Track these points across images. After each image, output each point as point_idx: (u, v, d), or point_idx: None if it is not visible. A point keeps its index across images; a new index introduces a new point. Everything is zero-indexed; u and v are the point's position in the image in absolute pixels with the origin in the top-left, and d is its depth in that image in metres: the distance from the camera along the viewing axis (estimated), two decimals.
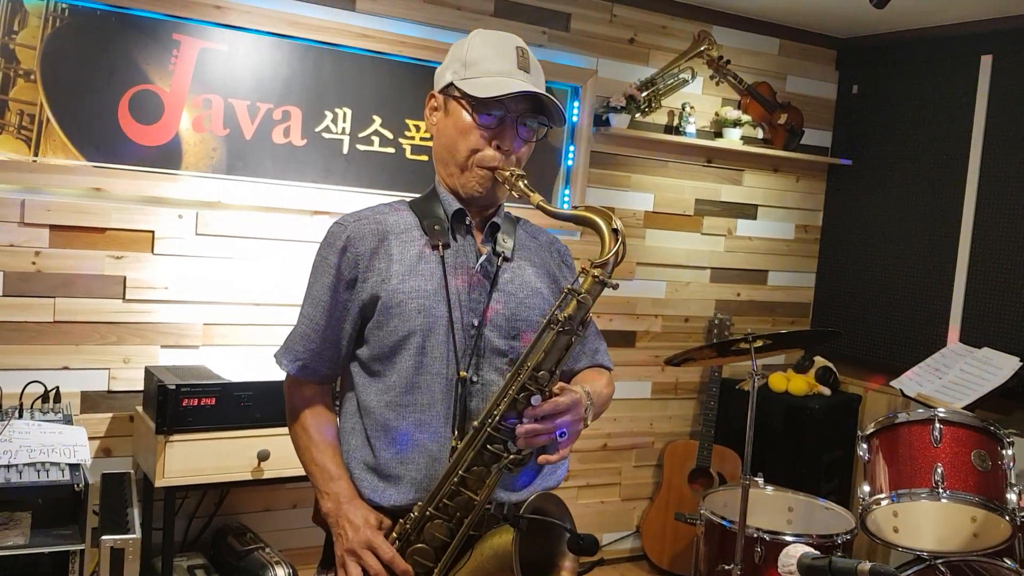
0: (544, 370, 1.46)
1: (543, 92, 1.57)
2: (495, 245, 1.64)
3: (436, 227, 1.61)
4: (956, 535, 2.63)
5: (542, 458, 1.48)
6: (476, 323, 1.58)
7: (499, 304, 1.60)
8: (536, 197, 1.53)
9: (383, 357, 1.58)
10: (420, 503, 1.52)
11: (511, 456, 1.46)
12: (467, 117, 1.57)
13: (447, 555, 1.49)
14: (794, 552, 1.57)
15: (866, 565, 1.43)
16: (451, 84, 1.59)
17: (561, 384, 1.50)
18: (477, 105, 1.56)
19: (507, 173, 1.56)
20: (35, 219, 2.85)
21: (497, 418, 1.47)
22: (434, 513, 1.50)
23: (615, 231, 1.49)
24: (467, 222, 1.63)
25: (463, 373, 1.55)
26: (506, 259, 1.64)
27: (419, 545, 1.51)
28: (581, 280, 1.49)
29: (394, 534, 1.53)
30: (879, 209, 4.26)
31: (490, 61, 1.56)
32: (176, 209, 3.06)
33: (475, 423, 1.49)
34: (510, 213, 1.73)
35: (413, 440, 1.56)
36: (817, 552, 1.55)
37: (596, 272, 1.48)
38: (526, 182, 1.56)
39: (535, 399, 1.45)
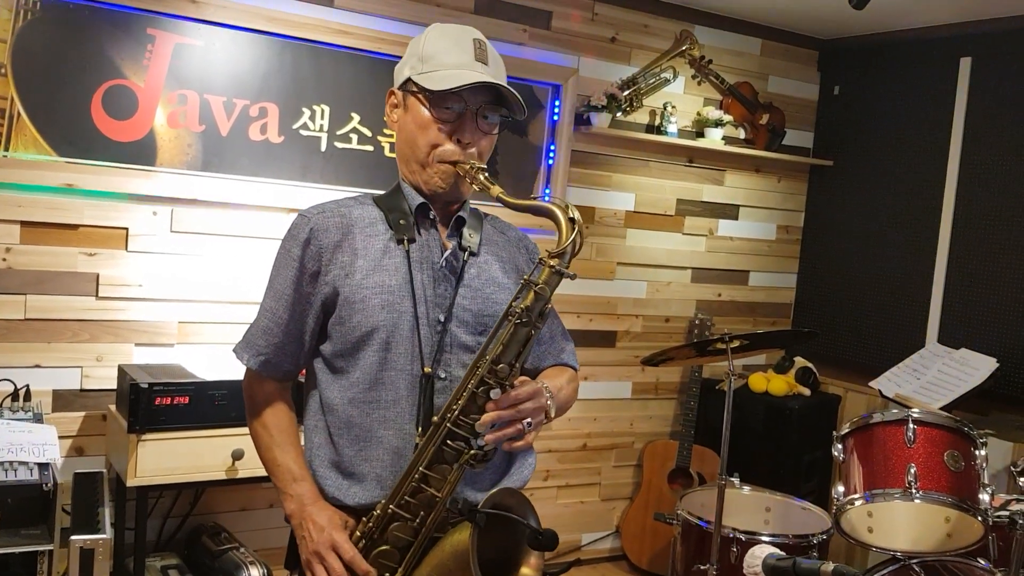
0: (503, 363, 1.44)
1: (500, 83, 1.55)
2: (461, 240, 1.62)
3: (401, 221, 1.59)
4: (930, 535, 2.63)
5: (506, 444, 1.46)
6: (442, 319, 1.56)
7: (465, 299, 1.59)
8: (496, 189, 1.52)
9: (346, 353, 1.56)
10: (383, 501, 1.50)
11: (472, 452, 1.45)
12: (425, 112, 1.56)
13: (410, 555, 1.48)
14: (760, 553, 1.57)
15: (829, 566, 1.43)
16: (409, 79, 1.58)
17: (522, 378, 1.49)
18: (434, 99, 1.55)
19: (467, 166, 1.55)
20: (6, 215, 2.82)
21: (456, 413, 1.45)
22: (396, 511, 1.48)
23: (572, 220, 1.47)
24: (431, 216, 1.62)
25: (427, 369, 1.53)
26: (472, 254, 1.62)
27: (383, 547, 1.49)
28: (538, 271, 1.47)
29: (357, 533, 1.52)
30: (860, 210, 4.27)
31: (447, 54, 1.55)
32: (150, 206, 3.03)
33: (435, 418, 1.48)
34: (477, 208, 1.72)
35: (377, 437, 1.54)
36: (782, 553, 1.54)
37: (553, 262, 1.46)
38: (486, 174, 1.54)
39: (494, 393, 1.43)
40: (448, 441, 1.46)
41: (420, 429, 1.52)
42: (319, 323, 1.60)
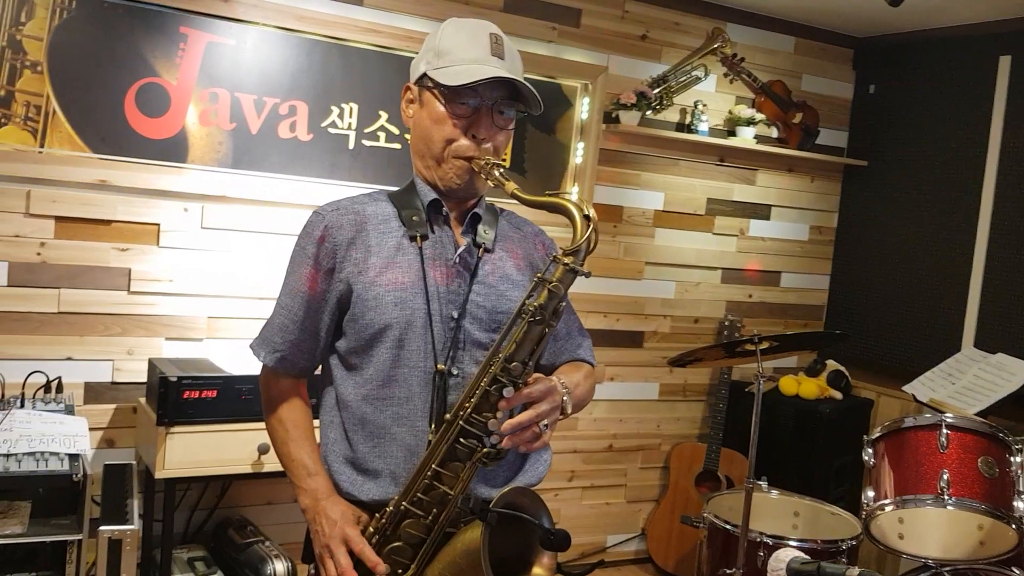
0: (517, 361, 1.43)
1: (515, 77, 1.54)
2: (475, 236, 1.62)
3: (414, 218, 1.59)
4: (962, 543, 2.58)
5: (523, 446, 1.45)
6: (455, 315, 1.56)
7: (479, 296, 1.58)
8: (510, 185, 1.51)
9: (360, 350, 1.56)
10: (396, 497, 1.50)
11: (485, 450, 1.44)
12: (440, 107, 1.55)
13: (423, 552, 1.47)
14: (784, 556, 1.54)
15: (854, 571, 1.40)
16: (424, 75, 1.57)
17: (536, 375, 1.48)
18: (450, 94, 1.54)
19: (482, 162, 1.54)
20: (41, 210, 2.87)
21: (469, 411, 1.44)
22: (409, 508, 1.48)
23: (587, 218, 1.45)
24: (443, 212, 1.61)
25: (441, 366, 1.53)
26: (487, 250, 1.61)
27: (396, 544, 1.49)
28: (552, 269, 1.46)
29: (371, 529, 1.52)
30: (895, 211, 4.20)
31: (462, 49, 1.54)
32: (181, 202, 3.06)
33: (447, 416, 1.47)
34: (493, 204, 1.71)
35: (391, 434, 1.54)
36: (807, 556, 1.51)
37: (567, 260, 1.45)
38: (501, 170, 1.53)
39: (507, 391, 1.42)
40: (461, 439, 1.45)
41: (433, 426, 1.52)
42: (334, 320, 1.60)
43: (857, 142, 4.40)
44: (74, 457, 2.40)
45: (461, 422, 1.45)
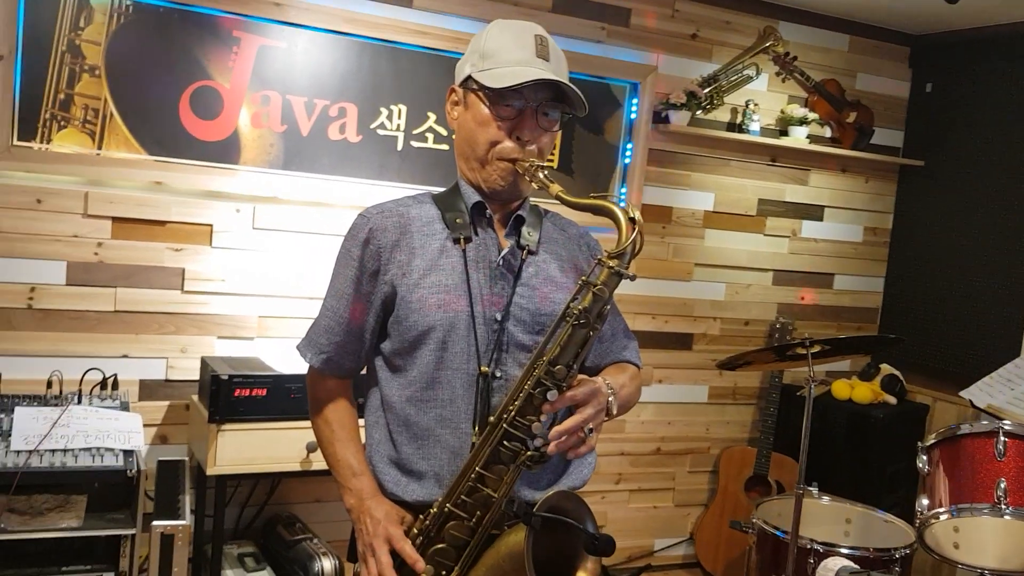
0: (560, 364, 1.43)
1: (560, 79, 1.53)
2: (519, 238, 1.61)
3: (458, 220, 1.59)
4: (1020, 553, 2.50)
5: (570, 453, 1.45)
6: (499, 317, 1.55)
7: (522, 298, 1.58)
8: (555, 187, 1.50)
9: (404, 352, 1.57)
10: (440, 499, 1.51)
11: (529, 453, 1.43)
12: (485, 109, 1.55)
13: (467, 554, 1.48)
14: (833, 565, 1.51)
15: None
16: (469, 77, 1.57)
17: (580, 377, 1.47)
18: (494, 96, 1.54)
19: (527, 164, 1.54)
20: (98, 211, 2.94)
21: (513, 414, 1.44)
22: (453, 510, 1.48)
23: (632, 220, 1.45)
24: (487, 215, 1.61)
25: (485, 368, 1.53)
26: (531, 252, 1.61)
27: (440, 546, 1.50)
28: (597, 272, 1.45)
29: (415, 530, 1.53)
30: (952, 212, 4.09)
31: (507, 51, 1.54)
32: (234, 203, 3.11)
33: (491, 419, 1.47)
34: (537, 206, 1.70)
35: (435, 436, 1.55)
36: (856, 566, 1.48)
37: (612, 263, 1.44)
38: (546, 172, 1.53)
39: (551, 394, 1.42)
40: (504, 442, 1.45)
41: (477, 428, 1.52)
42: (379, 321, 1.61)
43: (913, 142, 4.30)
44: (128, 453, 2.45)
45: (505, 425, 1.45)
